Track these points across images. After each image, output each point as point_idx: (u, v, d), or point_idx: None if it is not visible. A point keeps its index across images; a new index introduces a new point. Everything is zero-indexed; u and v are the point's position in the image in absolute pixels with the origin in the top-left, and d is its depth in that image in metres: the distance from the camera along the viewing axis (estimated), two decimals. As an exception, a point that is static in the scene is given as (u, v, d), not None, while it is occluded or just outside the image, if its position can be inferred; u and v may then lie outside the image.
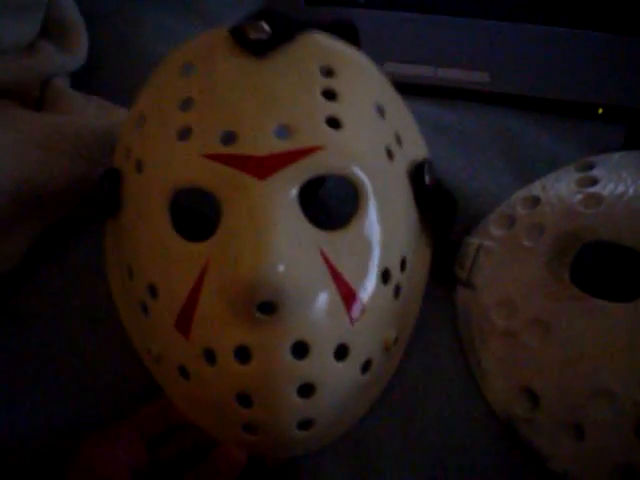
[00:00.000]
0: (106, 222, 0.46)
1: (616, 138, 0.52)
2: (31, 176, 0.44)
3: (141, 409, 0.41)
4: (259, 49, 0.40)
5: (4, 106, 0.49)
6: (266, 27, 0.40)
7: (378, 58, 0.58)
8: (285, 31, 0.40)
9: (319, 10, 0.64)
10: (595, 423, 0.38)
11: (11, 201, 0.43)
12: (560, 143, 0.54)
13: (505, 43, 0.60)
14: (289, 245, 0.35)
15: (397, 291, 0.41)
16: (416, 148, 0.46)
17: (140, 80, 0.55)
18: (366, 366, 0.39)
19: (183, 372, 0.38)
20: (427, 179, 0.43)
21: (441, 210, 0.44)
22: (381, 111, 0.42)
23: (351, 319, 0.38)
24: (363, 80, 0.42)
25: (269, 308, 0.35)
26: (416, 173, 0.43)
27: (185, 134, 0.39)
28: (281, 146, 0.37)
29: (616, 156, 0.45)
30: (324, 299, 0.37)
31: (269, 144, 0.37)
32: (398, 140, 0.43)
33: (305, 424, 0.37)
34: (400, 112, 0.46)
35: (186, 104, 0.39)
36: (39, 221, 0.46)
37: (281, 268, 0.35)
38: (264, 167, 0.37)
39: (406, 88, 0.56)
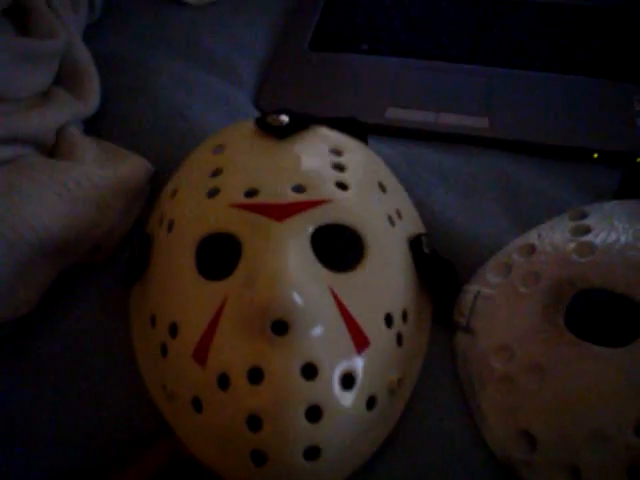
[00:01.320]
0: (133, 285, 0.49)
1: (611, 182, 0.53)
2: (49, 224, 0.45)
3: (148, 452, 0.42)
4: (279, 133, 0.47)
5: (22, 155, 0.50)
6: (285, 117, 0.47)
7: (380, 104, 0.61)
8: (301, 121, 0.48)
9: (322, 56, 0.66)
10: (590, 465, 0.38)
11: (29, 249, 0.45)
12: (557, 187, 0.55)
13: (504, 89, 0.61)
14: (302, 276, 0.39)
15: (399, 339, 0.44)
16: (414, 225, 0.51)
17: (150, 126, 0.58)
18: (371, 402, 0.41)
19: (196, 404, 0.40)
20: (425, 249, 0.47)
21: (440, 276, 0.48)
22: (382, 187, 0.48)
23: (357, 350, 0.40)
24: (367, 162, 0.49)
25: (282, 329, 0.38)
26: (415, 242, 0.48)
27: (214, 193, 0.44)
28: (296, 198, 0.43)
29: (608, 205, 0.46)
30: (332, 326, 0.40)
31: (286, 195, 0.43)
32: (398, 214, 0.48)
33: (312, 452, 0.38)
34: (399, 193, 0.51)
35: (215, 173, 0.46)
36: (54, 267, 0.47)
37: (294, 292, 0.38)
38: (282, 212, 0.42)
39: (407, 133, 0.59)
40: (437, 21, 0.69)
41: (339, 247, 0.43)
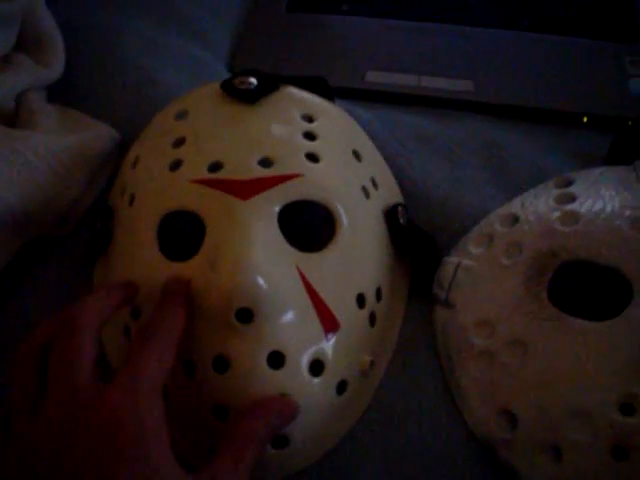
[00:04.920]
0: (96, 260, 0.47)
1: (601, 147, 0.52)
2: (5, 195, 0.43)
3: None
4: (247, 97, 0.44)
5: (-23, 122, 0.48)
6: (253, 80, 0.44)
7: (361, 66, 0.58)
8: (270, 83, 0.45)
9: (300, 17, 0.63)
10: (572, 445, 0.38)
11: (-16, 221, 0.43)
12: (545, 153, 0.53)
13: (489, 51, 0.59)
14: (267, 259, 0.38)
15: (372, 318, 0.42)
16: (391, 194, 0.49)
17: (118, 92, 0.55)
18: (342, 387, 0.40)
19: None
20: (401, 220, 0.45)
21: (418, 249, 0.46)
22: (357, 155, 0.45)
23: (326, 335, 0.39)
24: (340, 127, 0.46)
25: (246, 317, 0.37)
26: (390, 214, 0.45)
27: (175, 166, 0.42)
28: (263, 173, 0.40)
29: (596, 172, 0.44)
30: (300, 312, 0.38)
31: (252, 171, 0.40)
32: (374, 183, 0.46)
33: (280, 442, 0.38)
34: (376, 160, 0.49)
35: (178, 142, 0.43)
36: (14, 240, 0.46)
37: (259, 278, 0.36)
38: (247, 189, 0.39)
39: (388, 97, 0.57)
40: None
41: (308, 225, 0.41)
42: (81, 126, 0.51)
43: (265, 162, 0.41)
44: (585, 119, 0.55)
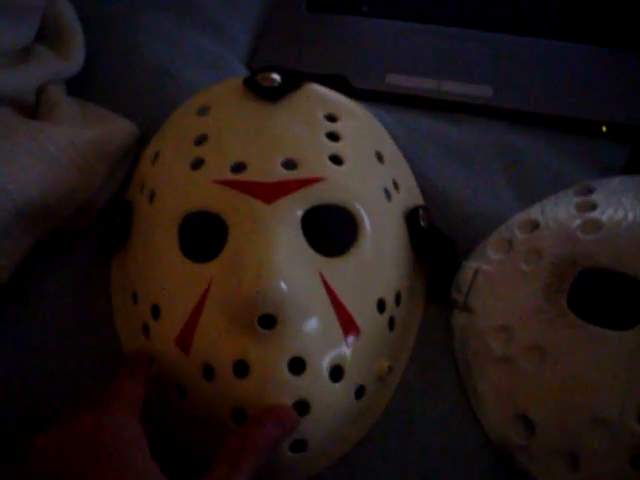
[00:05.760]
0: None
1: (619, 156, 0.52)
2: (26, 188, 0.43)
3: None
4: (270, 95, 0.44)
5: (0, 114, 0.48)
6: (277, 77, 0.44)
7: (380, 69, 0.58)
8: (293, 80, 0.45)
9: (321, 17, 0.63)
10: (590, 452, 0.37)
11: (5, 214, 0.42)
12: (563, 160, 0.53)
13: (509, 57, 0.59)
14: (290, 264, 0.37)
15: (392, 323, 0.42)
16: (412, 196, 0.48)
17: (137, 86, 0.55)
18: (360, 392, 0.40)
19: (180, 391, 0.39)
20: (422, 223, 0.45)
21: (438, 252, 0.46)
22: (380, 157, 0.45)
23: (346, 341, 0.39)
24: (363, 128, 0.46)
25: (269, 323, 0.36)
26: (411, 216, 0.45)
27: (197, 164, 0.41)
28: (287, 175, 0.40)
29: (615, 180, 0.44)
30: (321, 318, 0.38)
31: (276, 173, 0.40)
32: (395, 185, 0.45)
33: (298, 445, 0.38)
34: (397, 161, 0.49)
35: (200, 140, 0.43)
36: (33, 233, 0.45)
37: (282, 284, 0.36)
38: (270, 193, 0.39)
39: (407, 100, 0.57)
40: (441, -16, 0.66)
41: (331, 229, 0.41)
42: (101, 120, 0.51)
43: (289, 164, 0.41)
44: (604, 128, 0.55)
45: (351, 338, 0.39)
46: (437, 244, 0.45)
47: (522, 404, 0.40)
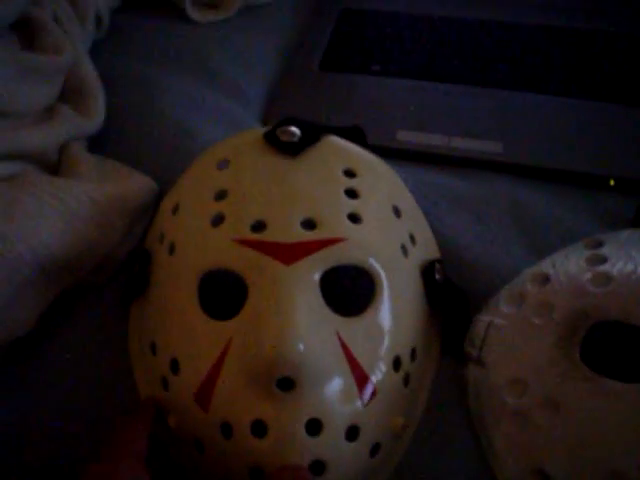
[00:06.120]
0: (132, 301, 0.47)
1: (628, 210, 0.53)
2: (49, 243, 0.44)
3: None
4: (290, 150, 0.44)
5: (24, 171, 0.49)
6: (296, 130, 0.45)
7: (391, 126, 0.59)
8: (312, 134, 0.45)
9: (333, 76, 0.65)
10: (607, 507, 0.37)
11: (28, 268, 0.43)
12: (572, 214, 0.54)
13: (518, 113, 0.60)
14: (309, 327, 0.38)
15: (407, 379, 0.42)
16: (428, 250, 0.49)
17: (155, 144, 0.57)
18: (375, 449, 0.40)
19: (198, 445, 0.39)
20: (437, 276, 0.45)
21: (452, 305, 0.46)
22: (397, 212, 0.45)
23: (363, 401, 0.39)
24: (381, 183, 0.46)
25: (287, 385, 0.37)
26: (427, 270, 0.45)
27: (218, 221, 0.42)
28: (306, 236, 0.40)
29: (624, 234, 0.45)
30: (339, 380, 0.38)
31: (296, 233, 0.40)
32: (412, 239, 0.46)
33: None
34: (414, 215, 0.49)
35: (220, 195, 0.43)
36: (53, 287, 0.46)
37: (301, 347, 0.36)
38: (290, 254, 0.39)
39: (418, 156, 0.58)
40: (450, 43, 0.68)
41: (349, 288, 0.42)
42: (121, 176, 0.52)
43: (308, 223, 0.41)
44: (612, 182, 0.56)
45: (367, 398, 0.39)
46: (452, 297, 0.46)
47: (538, 458, 0.40)
